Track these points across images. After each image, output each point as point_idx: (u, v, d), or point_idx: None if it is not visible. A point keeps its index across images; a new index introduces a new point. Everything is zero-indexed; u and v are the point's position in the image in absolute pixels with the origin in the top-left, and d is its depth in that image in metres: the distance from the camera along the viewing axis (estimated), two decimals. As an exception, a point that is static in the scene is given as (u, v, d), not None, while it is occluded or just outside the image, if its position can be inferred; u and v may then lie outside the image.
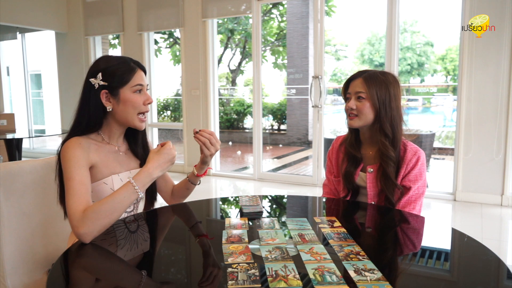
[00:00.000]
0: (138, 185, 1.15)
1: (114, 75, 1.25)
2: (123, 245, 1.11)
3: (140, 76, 1.29)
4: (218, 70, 6.91)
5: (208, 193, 4.54)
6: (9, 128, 5.03)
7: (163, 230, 1.28)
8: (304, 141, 9.35)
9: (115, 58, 1.29)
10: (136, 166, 1.39)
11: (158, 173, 1.19)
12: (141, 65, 1.32)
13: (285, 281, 0.86)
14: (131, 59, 1.31)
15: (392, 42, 3.99)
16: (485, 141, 3.68)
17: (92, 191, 1.25)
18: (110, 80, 1.25)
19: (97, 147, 1.28)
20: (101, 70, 1.25)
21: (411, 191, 1.45)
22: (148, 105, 1.31)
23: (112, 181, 1.28)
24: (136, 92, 1.28)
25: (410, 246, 1.16)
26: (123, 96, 1.26)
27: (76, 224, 1.09)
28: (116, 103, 1.27)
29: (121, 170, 1.32)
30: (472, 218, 3.44)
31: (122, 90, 1.26)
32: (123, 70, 1.26)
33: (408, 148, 1.48)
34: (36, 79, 12.16)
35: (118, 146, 1.35)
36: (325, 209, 1.55)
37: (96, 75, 1.25)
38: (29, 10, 5.67)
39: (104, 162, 1.28)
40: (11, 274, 1.31)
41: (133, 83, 1.27)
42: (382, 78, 1.45)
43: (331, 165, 1.66)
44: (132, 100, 1.27)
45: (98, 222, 1.09)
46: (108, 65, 1.26)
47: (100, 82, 1.25)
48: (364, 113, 1.45)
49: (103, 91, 1.25)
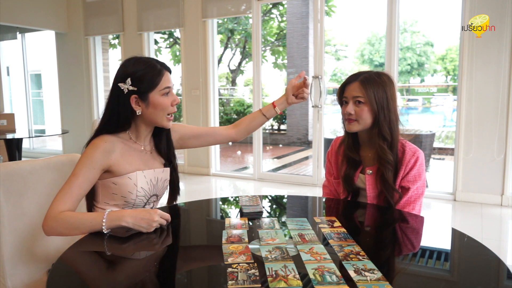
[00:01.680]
0: (107, 221, 1.14)
1: (144, 80, 1.27)
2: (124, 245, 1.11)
3: (168, 78, 1.31)
4: (218, 70, 6.91)
5: (208, 193, 4.54)
6: (9, 128, 5.03)
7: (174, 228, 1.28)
8: (304, 141, 9.35)
9: (142, 61, 1.30)
10: (160, 165, 1.41)
11: (127, 223, 1.14)
12: (167, 66, 1.33)
13: (285, 281, 0.86)
14: (157, 61, 1.32)
15: (392, 42, 3.99)
16: (486, 141, 3.68)
17: (116, 184, 1.28)
18: (139, 85, 1.27)
19: (123, 146, 1.31)
20: (130, 74, 1.27)
21: (410, 192, 1.45)
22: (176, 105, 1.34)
23: (136, 176, 1.30)
24: (164, 94, 1.30)
25: (410, 246, 1.16)
26: (153, 100, 1.28)
27: (48, 217, 1.15)
28: (145, 107, 1.29)
29: (146, 168, 1.34)
30: (472, 218, 3.44)
31: (151, 94, 1.28)
32: (152, 74, 1.28)
33: (406, 148, 1.48)
34: (36, 79, 12.17)
35: (144, 146, 1.38)
36: (325, 209, 1.55)
37: (125, 79, 1.27)
38: (29, 10, 5.67)
39: (128, 161, 1.30)
40: (11, 274, 1.31)
41: (162, 87, 1.29)
42: (378, 80, 1.43)
43: (331, 166, 1.66)
44: (161, 103, 1.29)
45: (60, 230, 1.15)
46: (136, 69, 1.27)
47: (130, 87, 1.26)
48: (363, 118, 1.44)
49: (133, 96, 1.27)
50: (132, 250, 1.12)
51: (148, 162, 1.37)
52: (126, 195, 1.30)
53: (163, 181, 1.41)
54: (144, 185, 1.32)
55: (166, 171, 1.41)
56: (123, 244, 1.14)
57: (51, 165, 1.42)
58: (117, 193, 1.30)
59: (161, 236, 1.17)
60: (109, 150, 1.26)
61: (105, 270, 1.02)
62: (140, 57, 1.33)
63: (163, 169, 1.40)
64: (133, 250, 1.12)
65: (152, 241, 1.14)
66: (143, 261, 1.05)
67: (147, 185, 1.34)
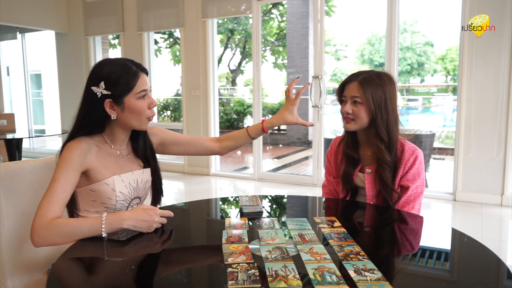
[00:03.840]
0: (106, 225, 1.11)
1: (118, 83, 1.21)
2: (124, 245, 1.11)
3: (144, 80, 1.26)
4: (218, 70, 6.91)
5: (208, 193, 4.54)
6: (9, 128, 5.03)
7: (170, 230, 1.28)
8: (304, 141, 9.35)
9: (117, 63, 1.23)
10: (139, 167, 1.36)
11: (128, 225, 1.13)
12: (143, 67, 1.27)
13: (285, 281, 0.86)
14: (133, 62, 1.26)
15: (392, 42, 3.99)
16: (485, 141, 3.68)
17: (94, 191, 1.25)
18: (113, 89, 1.21)
19: (98, 149, 1.26)
20: (104, 77, 1.21)
21: (410, 191, 1.45)
22: (153, 108, 1.29)
23: (113, 181, 1.26)
24: (141, 98, 1.25)
25: (409, 246, 1.16)
26: (128, 104, 1.23)
27: (36, 228, 1.10)
28: (120, 111, 1.23)
29: (123, 172, 1.30)
30: (472, 218, 3.44)
31: (127, 98, 1.23)
32: (127, 77, 1.22)
33: (405, 148, 1.48)
34: (36, 79, 12.17)
35: (121, 150, 1.33)
36: (325, 209, 1.55)
37: (99, 83, 1.21)
38: (29, 10, 5.67)
39: (104, 166, 1.26)
40: (11, 274, 1.31)
41: (138, 90, 1.23)
42: (378, 81, 1.43)
43: (330, 166, 1.66)
44: (137, 107, 1.24)
45: (54, 239, 1.10)
46: (110, 71, 1.21)
47: (103, 91, 1.21)
48: (360, 117, 1.45)
49: (107, 100, 1.21)
50: (133, 250, 1.12)
51: (125, 166, 1.32)
52: (105, 201, 1.26)
53: (144, 183, 1.36)
54: (123, 189, 1.28)
55: (146, 172, 1.37)
56: (123, 244, 1.14)
57: (51, 165, 1.42)
58: (96, 200, 1.26)
59: (162, 236, 1.17)
60: (85, 151, 1.22)
61: (105, 270, 1.02)
62: (114, 58, 1.27)
63: (142, 171, 1.35)
64: (133, 250, 1.12)
65: (153, 241, 1.14)
66: (143, 261, 1.05)
67: (126, 188, 1.29)
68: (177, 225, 1.36)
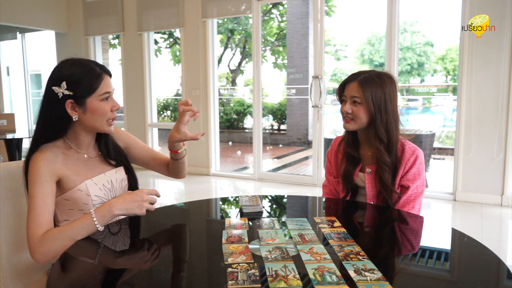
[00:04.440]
0: (98, 219, 1.11)
1: (80, 84, 1.18)
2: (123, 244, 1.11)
3: (107, 82, 1.23)
4: (218, 70, 6.91)
5: (208, 193, 4.54)
6: (9, 128, 5.03)
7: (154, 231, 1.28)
8: (304, 141, 9.35)
9: (79, 64, 1.21)
10: (111, 167, 1.34)
11: (119, 211, 1.13)
12: (107, 70, 1.25)
13: (285, 281, 0.86)
14: (97, 64, 1.24)
15: (392, 42, 3.99)
16: (485, 141, 3.68)
17: (69, 200, 1.23)
18: (75, 90, 1.18)
19: (64, 156, 1.23)
20: (65, 78, 1.18)
21: (410, 190, 1.46)
22: (116, 111, 1.26)
23: (86, 186, 1.23)
24: (104, 100, 1.22)
25: (409, 246, 1.16)
26: (90, 105, 1.20)
27: (33, 247, 1.10)
28: (82, 113, 1.21)
29: (94, 174, 1.28)
30: (472, 218, 3.44)
31: (89, 100, 1.20)
32: (90, 78, 1.19)
33: (406, 147, 1.48)
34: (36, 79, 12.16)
35: (88, 153, 1.30)
36: (325, 209, 1.55)
37: (60, 83, 1.18)
38: (29, 10, 5.67)
39: (74, 172, 1.23)
40: (11, 274, 1.31)
41: (101, 91, 1.21)
42: (378, 81, 1.43)
43: (330, 166, 1.67)
44: (100, 109, 1.21)
45: (53, 250, 1.09)
46: (72, 72, 1.19)
47: (65, 91, 1.17)
48: (359, 117, 1.45)
49: (68, 100, 1.18)
50: (133, 250, 1.12)
51: (96, 168, 1.30)
52: (82, 207, 1.24)
53: (120, 182, 1.35)
54: (97, 192, 1.26)
55: (119, 170, 1.35)
56: (122, 244, 1.14)
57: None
58: (73, 208, 1.24)
59: (162, 237, 1.17)
60: (51, 159, 1.19)
61: (105, 270, 1.02)
62: (77, 58, 1.24)
63: (115, 170, 1.34)
64: (133, 250, 1.12)
65: (153, 241, 1.14)
66: (142, 260, 1.05)
67: (101, 191, 1.27)
68: (177, 225, 1.36)
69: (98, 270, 1.01)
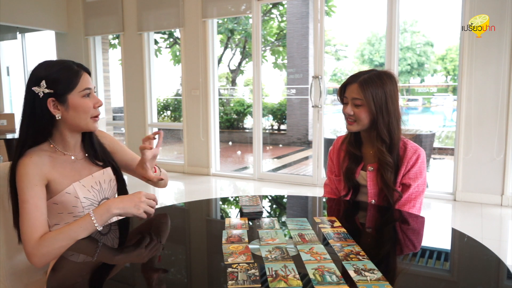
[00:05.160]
0: (96, 219, 1.12)
1: (60, 81, 1.18)
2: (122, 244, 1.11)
3: (87, 79, 1.23)
4: (218, 70, 6.91)
5: (208, 193, 4.54)
6: (9, 128, 5.03)
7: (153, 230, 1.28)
8: (304, 141, 9.35)
9: (56, 63, 1.22)
10: (98, 168, 1.33)
11: (116, 210, 1.14)
12: (85, 67, 1.25)
13: (285, 281, 0.86)
14: (74, 62, 1.24)
15: (392, 42, 3.99)
16: (485, 141, 3.68)
17: (58, 203, 1.22)
18: (55, 87, 1.18)
19: (51, 159, 1.22)
20: (44, 77, 1.18)
21: (411, 189, 1.46)
22: (98, 108, 1.25)
23: (74, 189, 1.23)
24: (85, 96, 1.22)
25: (410, 246, 1.16)
26: (72, 102, 1.20)
27: (31, 251, 1.09)
28: (65, 110, 1.20)
29: (82, 176, 1.27)
30: (472, 218, 3.44)
31: (70, 96, 1.20)
32: (68, 75, 1.20)
33: (408, 146, 1.49)
34: (36, 79, 12.15)
35: (75, 155, 1.29)
36: (325, 209, 1.55)
37: (39, 83, 1.17)
38: (29, 10, 5.67)
39: (61, 174, 1.23)
40: (11, 274, 1.31)
41: (81, 88, 1.21)
42: (378, 82, 1.43)
43: (332, 164, 1.67)
44: (82, 105, 1.21)
45: (52, 252, 1.09)
46: (50, 71, 1.19)
47: (45, 90, 1.17)
48: (361, 119, 1.46)
49: (49, 99, 1.18)
50: (132, 249, 1.12)
51: (83, 170, 1.29)
52: (71, 210, 1.24)
53: (108, 182, 1.34)
54: (86, 194, 1.25)
55: (107, 171, 1.35)
56: (122, 244, 1.14)
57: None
58: (63, 211, 1.23)
59: (161, 236, 1.17)
60: (38, 163, 1.18)
61: (105, 270, 1.02)
62: (53, 59, 1.24)
63: (103, 171, 1.33)
64: (133, 250, 1.12)
65: (153, 241, 1.14)
66: (142, 260, 1.05)
67: (90, 192, 1.27)
68: (177, 225, 1.36)
69: (97, 269, 1.01)
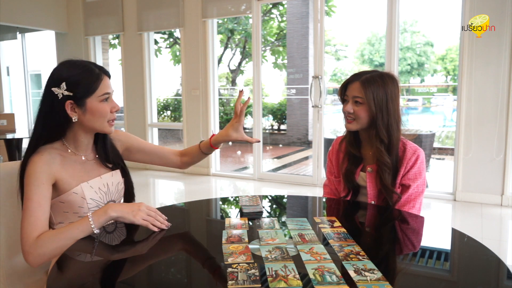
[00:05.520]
0: (94, 221, 1.12)
1: (80, 85, 1.18)
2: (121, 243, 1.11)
3: (107, 83, 1.23)
4: (218, 70, 6.91)
5: (208, 193, 4.54)
6: (9, 128, 5.03)
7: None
8: (304, 141, 9.35)
9: (79, 65, 1.22)
10: (108, 170, 1.34)
11: (114, 214, 1.14)
12: (106, 71, 1.25)
13: (285, 281, 0.86)
14: (96, 65, 1.24)
15: (392, 42, 3.99)
16: (485, 141, 3.68)
17: (64, 202, 1.23)
18: (75, 90, 1.18)
19: (62, 158, 1.23)
20: (65, 79, 1.18)
21: (411, 189, 1.46)
22: (115, 112, 1.27)
23: (82, 189, 1.23)
24: (103, 100, 1.22)
25: (410, 246, 1.16)
26: (90, 106, 1.20)
27: (27, 249, 1.09)
28: (82, 113, 1.21)
29: (90, 177, 1.27)
30: (472, 218, 3.44)
31: (89, 100, 1.20)
32: (89, 79, 1.20)
33: (407, 147, 1.49)
34: (36, 79, 12.16)
35: (86, 156, 1.30)
36: (325, 209, 1.55)
37: (60, 84, 1.18)
38: (29, 10, 5.67)
39: (70, 174, 1.23)
40: (11, 274, 1.31)
41: (100, 92, 1.21)
42: (380, 82, 1.43)
43: (332, 165, 1.67)
44: (100, 110, 1.21)
45: (48, 252, 1.09)
46: (72, 73, 1.19)
47: (65, 92, 1.18)
48: (361, 117, 1.46)
49: (68, 101, 1.18)
50: (132, 249, 1.12)
51: (93, 171, 1.29)
52: (77, 210, 1.24)
53: (116, 185, 1.34)
54: (93, 196, 1.26)
55: (116, 174, 1.35)
56: (122, 244, 1.14)
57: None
58: (68, 210, 1.24)
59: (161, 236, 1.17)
60: (48, 161, 1.18)
61: (105, 270, 1.02)
62: (76, 60, 1.25)
63: (111, 173, 1.33)
64: (133, 249, 1.12)
65: (152, 241, 1.14)
66: (142, 260, 1.05)
67: (97, 194, 1.27)
68: (177, 225, 1.36)
69: (97, 269, 1.01)
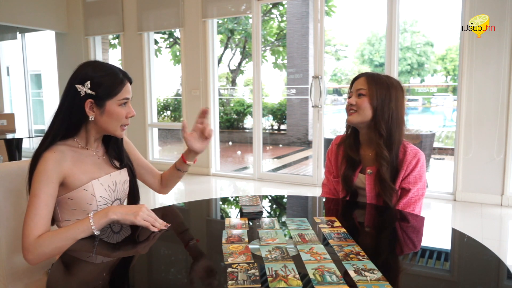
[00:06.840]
0: (95, 222, 1.13)
1: (103, 86, 1.21)
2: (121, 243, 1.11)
3: (128, 89, 1.27)
4: (218, 70, 6.91)
5: (208, 193, 4.54)
6: (9, 128, 5.03)
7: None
8: (304, 141, 9.35)
9: (104, 67, 1.25)
10: (115, 168, 1.35)
11: (115, 216, 1.15)
12: (129, 77, 1.29)
13: (285, 281, 0.86)
14: (120, 70, 1.27)
15: (392, 42, 3.99)
16: (485, 141, 3.68)
17: (73, 199, 1.23)
18: (98, 90, 1.21)
19: (73, 154, 1.25)
20: (90, 78, 1.21)
21: (411, 193, 1.45)
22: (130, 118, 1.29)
23: (92, 187, 1.24)
24: (122, 105, 1.25)
25: (410, 246, 1.16)
26: (109, 108, 1.23)
27: (28, 247, 1.09)
28: (99, 114, 1.23)
29: (101, 174, 1.29)
30: (472, 218, 3.44)
31: (109, 103, 1.23)
32: (113, 82, 1.23)
33: (408, 150, 1.48)
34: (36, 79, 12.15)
35: (96, 151, 1.32)
36: (325, 209, 1.55)
37: (84, 82, 1.21)
38: (29, 10, 5.67)
39: (81, 169, 1.24)
40: (11, 274, 1.31)
41: (121, 97, 1.24)
42: (384, 79, 1.47)
43: (330, 165, 1.66)
44: (117, 113, 1.24)
45: (48, 252, 1.10)
46: (97, 74, 1.22)
47: (88, 90, 1.20)
48: (363, 108, 1.46)
49: (88, 100, 1.21)
50: (132, 249, 1.12)
51: (103, 167, 1.32)
52: (85, 207, 1.25)
53: (123, 183, 1.37)
54: (103, 193, 1.27)
55: (123, 172, 1.38)
56: (122, 244, 1.14)
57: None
58: (76, 207, 1.24)
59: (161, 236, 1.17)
60: (59, 159, 1.19)
61: (105, 270, 1.02)
62: (102, 62, 1.29)
63: (119, 172, 1.36)
64: (133, 249, 1.12)
65: (152, 241, 1.14)
66: (142, 260, 1.05)
67: (106, 192, 1.29)
68: (177, 225, 1.36)
69: (97, 269, 1.01)
